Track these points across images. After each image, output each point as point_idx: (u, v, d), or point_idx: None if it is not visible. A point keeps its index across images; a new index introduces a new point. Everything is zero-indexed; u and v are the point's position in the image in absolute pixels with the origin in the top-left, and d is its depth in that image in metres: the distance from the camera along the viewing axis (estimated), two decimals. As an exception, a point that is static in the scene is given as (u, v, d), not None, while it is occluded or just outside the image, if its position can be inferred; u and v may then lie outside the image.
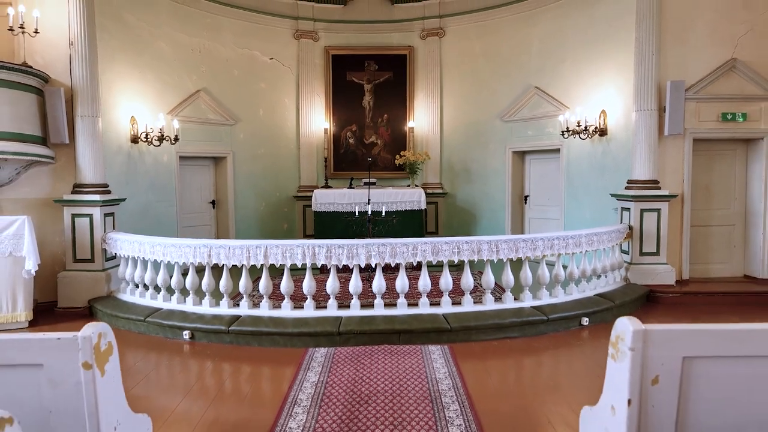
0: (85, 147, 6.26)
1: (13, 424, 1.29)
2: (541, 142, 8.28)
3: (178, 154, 7.91)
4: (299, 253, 4.99)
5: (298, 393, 3.77)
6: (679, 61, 6.47)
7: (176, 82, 7.91)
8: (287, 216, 9.39)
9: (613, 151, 7.15)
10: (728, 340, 1.78)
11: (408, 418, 3.34)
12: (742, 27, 6.47)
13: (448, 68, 9.27)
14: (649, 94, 6.43)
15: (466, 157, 9.29)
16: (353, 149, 9.53)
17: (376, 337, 4.78)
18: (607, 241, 5.91)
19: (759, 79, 6.46)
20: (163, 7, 7.64)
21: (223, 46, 8.52)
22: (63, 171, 6.34)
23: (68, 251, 6.25)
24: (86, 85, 6.24)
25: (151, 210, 7.48)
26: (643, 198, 6.45)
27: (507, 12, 8.54)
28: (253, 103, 8.94)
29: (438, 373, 4.11)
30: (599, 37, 7.27)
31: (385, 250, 5.00)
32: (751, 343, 1.75)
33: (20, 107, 5.88)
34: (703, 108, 6.54)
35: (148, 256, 5.55)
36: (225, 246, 5.14)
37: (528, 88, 8.35)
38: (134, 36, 7.21)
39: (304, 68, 9.26)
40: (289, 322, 4.93)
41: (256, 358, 4.62)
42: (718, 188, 6.88)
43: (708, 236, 6.89)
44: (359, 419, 3.34)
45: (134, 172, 7.24)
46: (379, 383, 3.91)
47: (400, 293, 5.13)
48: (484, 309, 5.15)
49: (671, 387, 1.80)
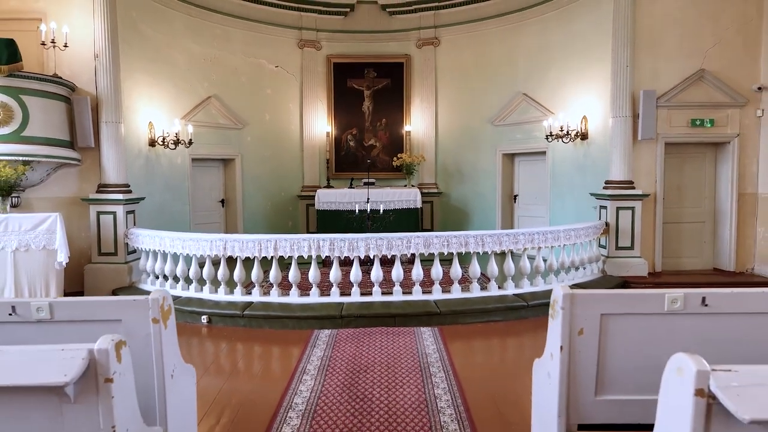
0: (109, 150, 6.86)
1: (126, 346, 1.87)
2: (529, 145, 8.88)
3: (191, 157, 8.51)
4: (305, 245, 5.59)
5: (307, 364, 4.37)
6: (652, 71, 7.07)
7: (189, 89, 8.51)
8: (291, 214, 9.99)
9: (593, 154, 7.75)
10: (632, 301, 2.38)
11: (400, 383, 3.94)
12: (709, 40, 7.06)
13: (442, 75, 9.87)
14: (624, 102, 7.03)
15: (459, 158, 9.89)
16: (353, 151, 10.13)
17: (374, 320, 5.38)
18: (584, 236, 6.51)
19: (725, 88, 7.06)
20: (178, 20, 8.24)
21: (232, 55, 9.12)
22: (88, 172, 6.94)
23: (93, 245, 6.85)
24: (110, 93, 6.84)
25: (167, 208, 8.08)
26: (619, 197, 7.05)
27: (496, 24, 9.14)
28: (259, 109, 9.54)
29: (427, 349, 4.71)
30: (580, 48, 7.87)
31: (382, 243, 5.60)
32: (647, 304, 2.35)
33: (51, 114, 6.49)
34: (674, 114, 7.14)
35: (168, 249, 6.15)
36: (239, 239, 5.74)
37: (516, 94, 8.95)
38: (152, 47, 7.81)
39: (307, 75, 9.86)
40: (297, 307, 5.54)
41: (267, 338, 5.21)
42: (689, 188, 7.48)
43: (680, 232, 7.48)
44: (359, 383, 3.94)
45: (151, 174, 7.84)
46: (376, 357, 4.51)
47: (396, 282, 5.73)
48: (470, 296, 5.75)
49: (592, 337, 2.39)
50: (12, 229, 5.93)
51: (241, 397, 3.79)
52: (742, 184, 7.23)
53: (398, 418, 3.37)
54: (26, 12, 6.80)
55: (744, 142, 7.17)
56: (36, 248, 6.06)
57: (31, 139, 6.23)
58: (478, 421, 3.34)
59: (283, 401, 3.64)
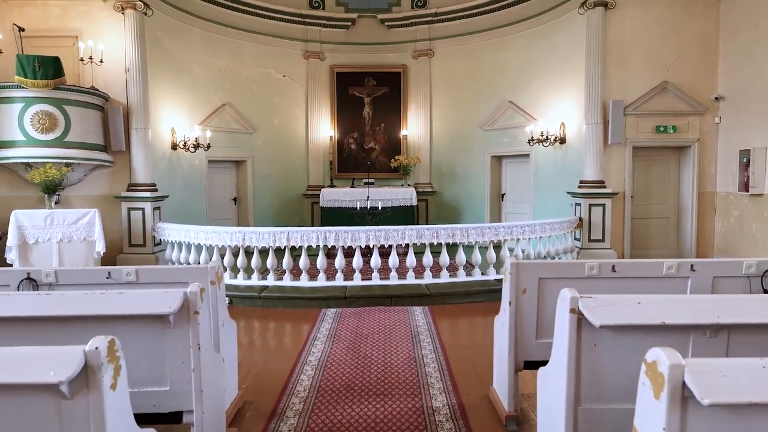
0: (138, 153, 7.73)
1: (205, 292, 2.70)
2: (514, 148, 9.75)
3: (207, 159, 9.37)
4: (314, 236, 6.46)
5: (317, 333, 5.24)
6: (621, 83, 7.94)
7: (206, 98, 9.38)
8: (297, 211, 10.86)
9: (570, 157, 8.62)
10: (560, 268, 3.24)
11: (394, 346, 4.81)
12: (672, 55, 7.93)
13: (436, 84, 10.73)
14: (596, 111, 7.90)
15: (452, 160, 10.76)
16: (355, 153, 10.99)
17: (373, 300, 6.25)
18: (559, 229, 7.37)
19: (687, 98, 7.93)
20: (196, 36, 9.11)
21: (244, 66, 9.99)
22: (119, 173, 7.82)
23: (124, 238, 7.73)
24: (139, 103, 7.71)
25: (186, 205, 8.94)
26: (591, 195, 7.92)
27: (486, 37, 10.01)
28: (269, 114, 10.40)
29: (418, 323, 5.57)
30: (558, 62, 8.74)
31: (380, 234, 6.47)
32: (572, 270, 3.21)
33: (88, 122, 7.36)
34: (641, 121, 8.01)
35: (192, 240, 7.01)
36: (256, 231, 6.61)
37: (503, 102, 9.81)
38: (174, 61, 8.68)
39: (312, 84, 10.73)
40: (307, 290, 6.40)
41: (282, 316, 6.07)
42: (655, 187, 8.34)
43: (647, 226, 8.35)
44: (360, 347, 4.80)
45: (173, 174, 8.70)
46: (374, 328, 5.38)
47: (392, 268, 6.59)
48: (456, 280, 6.62)
49: (533, 294, 3.24)
50: (57, 223, 6.79)
51: (267, 354, 4.66)
52: (702, 184, 8.10)
53: (392, 370, 4.23)
54: (64, 30, 7.67)
55: (703, 147, 8.03)
56: (77, 239, 6.93)
57: (71, 143, 7.11)
58: (455, 373, 4.20)
59: (300, 358, 4.51)
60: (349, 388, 3.87)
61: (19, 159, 6.92)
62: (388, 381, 4.01)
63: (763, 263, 3.21)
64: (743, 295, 2.63)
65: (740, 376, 1.44)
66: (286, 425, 3.31)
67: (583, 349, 2.32)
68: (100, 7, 7.65)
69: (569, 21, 8.45)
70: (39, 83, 6.72)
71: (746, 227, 7.41)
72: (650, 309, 2.23)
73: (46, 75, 6.73)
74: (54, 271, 3.19)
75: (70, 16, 7.68)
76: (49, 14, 7.66)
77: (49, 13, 7.66)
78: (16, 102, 6.88)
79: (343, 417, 3.41)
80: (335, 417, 3.41)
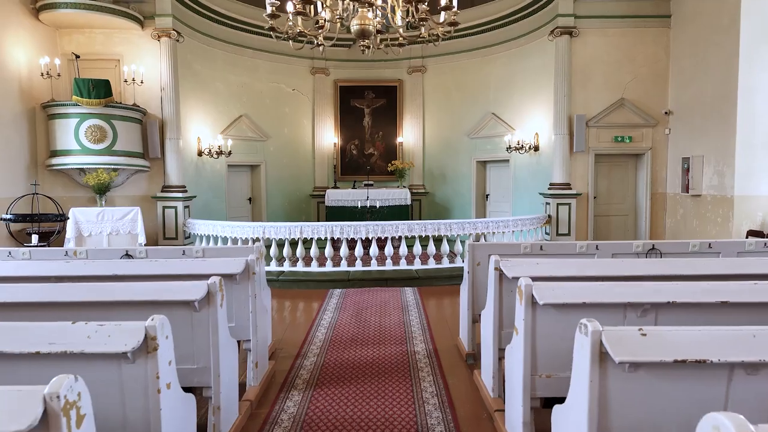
0: (171, 160, 9.06)
1: (262, 259, 4.00)
2: (497, 154, 11.08)
3: (227, 163, 10.70)
4: (323, 230, 7.78)
5: (326, 307, 6.56)
6: (583, 100, 9.27)
7: (226, 110, 10.71)
8: (305, 210, 12.18)
9: (542, 162, 9.95)
10: (503, 248, 4.57)
11: (388, 314, 6.13)
12: (628, 76, 9.26)
13: (428, 97, 12.06)
14: (563, 123, 9.23)
15: (442, 164, 12.09)
16: (356, 158, 12.32)
17: (372, 282, 7.56)
18: (530, 224, 8.70)
19: (640, 113, 9.25)
20: (219, 57, 10.45)
21: (258, 81, 11.31)
22: (155, 176, 9.14)
23: (159, 232, 9.05)
24: (173, 116, 9.04)
25: (209, 204, 10.27)
26: (559, 195, 9.25)
27: (472, 56, 11.34)
28: (279, 124, 11.73)
29: (408, 299, 6.89)
30: (532, 80, 10.07)
31: (377, 229, 7.79)
32: (509, 249, 4.53)
33: (131, 133, 8.69)
34: (601, 132, 9.34)
35: (219, 233, 8.34)
36: (274, 226, 7.93)
37: (487, 113, 11.14)
38: (200, 79, 10.02)
39: (318, 96, 12.06)
40: (316, 274, 7.72)
41: (297, 295, 7.38)
42: (615, 189, 9.67)
43: (609, 223, 9.68)
44: (361, 314, 6.13)
45: (199, 177, 10.03)
46: (372, 303, 6.70)
47: (387, 256, 7.91)
48: (441, 266, 7.94)
49: (484, 265, 4.55)
50: (107, 219, 8.12)
51: (288, 322, 5.98)
52: (654, 186, 9.43)
53: (385, 329, 5.55)
54: (108, 54, 9.00)
55: (655, 154, 9.37)
56: (123, 233, 8.26)
57: (118, 152, 8.44)
58: (434, 331, 5.52)
59: (314, 323, 5.84)
60: (353, 340, 5.20)
61: (75, 165, 8.24)
62: (382, 335, 5.34)
63: (647, 244, 4.54)
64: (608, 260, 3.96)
65: (562, 291, 2.77)
66: (308, 360, 4.64)
67: (504, 294, 3.64)
68: (140, 35, 8.98)
69: (541, 46, 9.79)
70: (92, 102, 8.05)
71: (689, 223, 8.73)
72: (543, 267, 3.55)
73: (98, 95, 8.06)
74: (146, 249, 4.52)
75: (113, 42, 9.00)
76: (94, 41, 8.98)
77: (94, 40, 8.98)
78: (72, 117, 8.21)
79: (349, 356, 4.74)
80: (343, 356, 4.74)
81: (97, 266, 3.83)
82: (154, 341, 2.20)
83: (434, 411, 3.60)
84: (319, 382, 4.13)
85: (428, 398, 3.81)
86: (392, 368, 4.41)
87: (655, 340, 1.96)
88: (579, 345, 2.08)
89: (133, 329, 2.18)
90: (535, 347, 2.80)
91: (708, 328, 2.01)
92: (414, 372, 4.33)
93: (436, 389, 3.98)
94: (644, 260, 3.99)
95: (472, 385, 4.09)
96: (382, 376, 4.24)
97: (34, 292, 3.04)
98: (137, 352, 2.18)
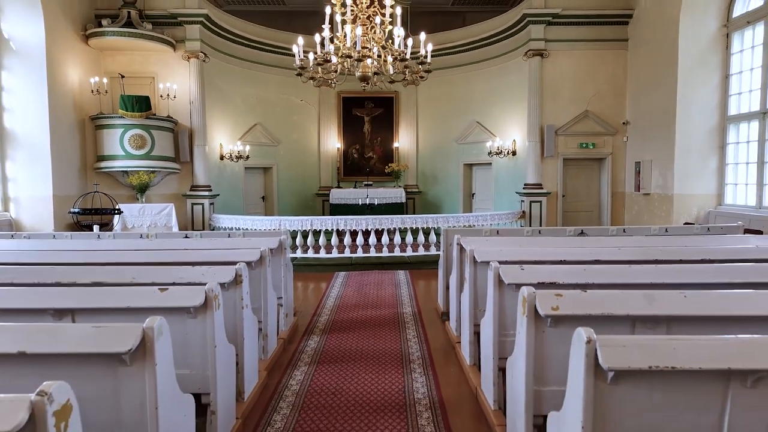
0: (198, 163, 10.55)
1: (286, 240, 5.47)
2: (481, 158, 12.57)
3: (244, 166, 12.19)
4: (330, 223, 9.28)
5: (333, 284, 8.06)
6: (553, 111, 10.76)
7: (243, 120, 12.21)
8: (311, 207, 13.67)
9: (519, 165, 11.44)
10: (468, 233, 6.05)
11: (384, 289, 7.63)
12: (591, 91, 10.76)
13: (422, 106, 13.56)
14: (535, 132, 10.72)
15: (433, 167, 13.58)
16: (357, 161, 13.81)
17: (371, 266, 9.06)
18: (506, 219, 10.19)
19: (602, 123, 10.75)
20: (237, 73, 11.95)
21: (270, 93, 12.81)
22: (184, 177, 10.64)
23: (189, 225, 10.54)
24: (200, 126, 10.54)
25: (229, 202, 11.76)
26: (532, 194, 10.74)
27: (460, 71, 12.82)
28: (289, 131, 13.23)
29: (400, 279, 8.39)
30: (510, 93, 11.57)
31: (376, 222, 9.28)
32: (473, 233, 6.00)
33: (165, 141, 10.18)
34: (569, 140, 10.83)
35: (241, 226, 9.82)
36: (289, 219, 9.43)
37: (472, 122, 12.64)
38: (222, 94, 11.52)
39: (323, 106, 13.55)
40: (324, 260, 9.22)
41: (307, 278, 8.85)
42: (581, 188, 11.17)
43: (576, 218, 11.17)
44: (362, 289, 7.63)
45: (221, 178, 11.53)
46: (371, 282, 8.20)
47: (384, 245, 9.40)
48: (429, 253, 9.43)
49: (456, 248, 6.04)
50: (147, 213, 9.61)
51: (302, 298, 7.48)
52: (614, 186, 10.92)
53: (381, 299, 7.05)
54: (144, 73, 10.49)
55: (615, 158, 10.86)
56: (160, 225, 9.75)
57: (155, 157, 9.93)
58: (419, 299, 7.01)
59: (324, 297, 7.34)
60: (356, 306, 6.70)
61: (120, 168, 9.74)
62: (379, 302, 6.84)
63: (577, 229, 6.04)
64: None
65: (493, 251, 4.26)
66: (322, 318, 6.14)
67: (465, 266, 5.13)
68: (172, 56, 10.47)
69: (517, 64, 11.28)
70: (135, 115, 9.54)
71: (641, 218, 10.22)
72: (491, 242, 5.05)
73: (140, 109, 9.55)
74: (200, 233, 6.01)
75: (149, 62, 10.49)
76: (133, 61, 10.47)
77: (133, 60, 10.47)
78: (117, 128, 9.70)
79: (353, 315, 6.23)
80: (348, 315, 6.23)
81: (169, 242, 5.32)
82: (216, 297, 3.69)
83: (414, 345, 5.10)
84: (331, 330, 5.63)
85: (411, 338, 5.32)
86: (386, 322, 5.91)
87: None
88: (519, 312, 3.57)
89: (197, 291, 3.63)
90: (475, 288, 4.30)
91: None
92: (402, 324, 5.83)
93: (417, 333, 5.48)
94: (576, 238, 5.48)
95: (443, 332, 5.59)
96: (379, 327, 5.74)
97: (138, 256, 4.53)
98: (199, 309, 3.42)
